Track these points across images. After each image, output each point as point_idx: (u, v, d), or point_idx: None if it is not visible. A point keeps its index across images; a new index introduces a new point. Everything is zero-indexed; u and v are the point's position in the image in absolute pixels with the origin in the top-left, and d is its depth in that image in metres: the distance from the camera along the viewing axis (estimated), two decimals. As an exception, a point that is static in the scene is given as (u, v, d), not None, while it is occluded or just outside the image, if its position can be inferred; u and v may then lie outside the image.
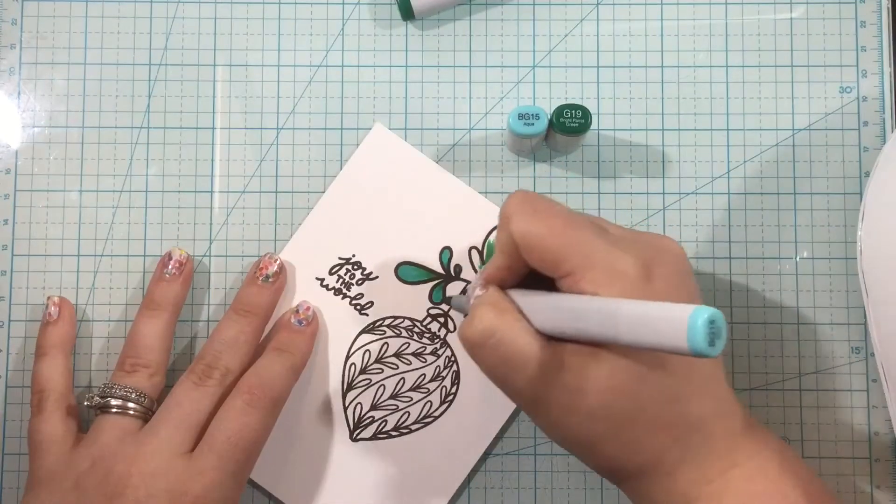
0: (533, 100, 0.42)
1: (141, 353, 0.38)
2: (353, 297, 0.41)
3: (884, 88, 0.42)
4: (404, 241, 0.41)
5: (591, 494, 0.41)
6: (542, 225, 0.31)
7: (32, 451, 0.37)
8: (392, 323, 0.41)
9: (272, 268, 0.40)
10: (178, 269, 0.40)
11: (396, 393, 0.41)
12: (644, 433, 0.31)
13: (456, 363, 0.41)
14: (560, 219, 0.31)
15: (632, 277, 0.30)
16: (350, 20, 0.43)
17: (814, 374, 0.41)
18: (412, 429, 0.40)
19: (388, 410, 0.41)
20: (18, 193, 0.42)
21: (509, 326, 0.31)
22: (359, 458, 0.40)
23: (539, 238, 0.31)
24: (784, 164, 0.42)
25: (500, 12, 0.43)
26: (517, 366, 0.31)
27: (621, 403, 0.30)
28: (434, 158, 0.42)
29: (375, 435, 0.40)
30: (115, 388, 0.37)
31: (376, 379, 0.41)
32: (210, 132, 0.42)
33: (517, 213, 0.32)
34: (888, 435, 0.41)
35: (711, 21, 0.43)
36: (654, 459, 0.31)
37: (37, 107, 0.42)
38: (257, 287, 0.39)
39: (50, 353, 0.39)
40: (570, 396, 0.30)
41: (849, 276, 0.41)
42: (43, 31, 0.43)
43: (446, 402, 0.41)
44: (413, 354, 0.41)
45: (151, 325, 0.39)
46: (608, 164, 0.42)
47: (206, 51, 0.43)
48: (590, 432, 0.31)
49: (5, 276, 0.42)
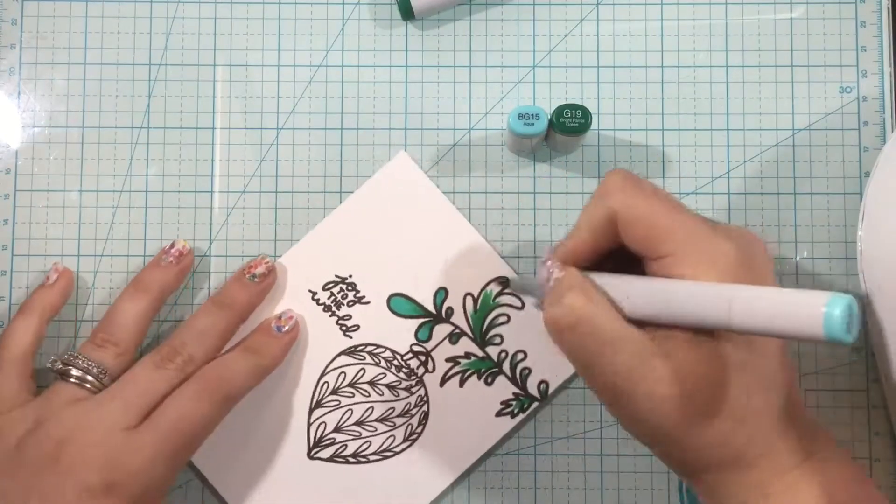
0: (533, 100, 0.42)
1: (114, 331, 0.38)
2: (342, 316, 0.41)
3: (884, 88, 0.42)
4: (402, 273, 0.41)
5: (591, 494, 0.41)
6: (647, 202, 0.31)
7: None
8: (373, 350, 0.41)
9: (260, 268, 0.40)
10: (176, 259, 0.40)
11: (362, 420, 0.41)
12: (735, 423, 0.30)
13: (427, 404, 0.41)
14: (666, 199, 0.31)
15: (734, 264, 0.30)
16: (350, 20, 0.43)
17: (814, 374, 0.41)
18: (370, 459, 0.40)
19: (351, 436, 0.40)
20: (18, 193, 0.42)
21: (602, 311, 0.30)
22: (312, 476, 0.40)
23: (644, 214, 0.30)
24: (784, 164, 0.42)
25: (500, 12, 0.43)
26: (607, 352, 0.30)
27: (717, 392, 0.30)
28: (434, 159, 0.42)
29: (333, 457, 0.40)
30: (79, 359, 0.37)
31: (345, 402, 0.41)
32: (210, 132, 0.42)
33: (622, 189, 0.31)
34: (888, 435, 0.41)
35: (711, 21, 0.43)
36: (739, 451, 0.30)
37: (37, 107, 0.42)
38: (241, 283, 0.40)
39: (28, 313, 0.39)
40: (662, 386, 0.30)
41: (849, 276, 0.41)
42: (43, 31, 0.43)
43: (409, 441, 0.40)
44: (387, 386, 0.41)
45: (132, 305, 0.39)
46: (608, 164, 0.42)
47: (206, 51, 0.43)
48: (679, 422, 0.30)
49: (5, 276, 0.42)
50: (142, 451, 0.35)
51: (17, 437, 0.35)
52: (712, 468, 0.31)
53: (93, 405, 0.36)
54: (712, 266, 0.30)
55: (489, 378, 0.41)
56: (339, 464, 0.40)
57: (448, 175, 0.42)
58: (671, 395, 0.30)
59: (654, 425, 0.31)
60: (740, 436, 0.30)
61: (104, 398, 0.36)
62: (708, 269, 0.30)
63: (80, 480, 0.34)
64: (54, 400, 0.36)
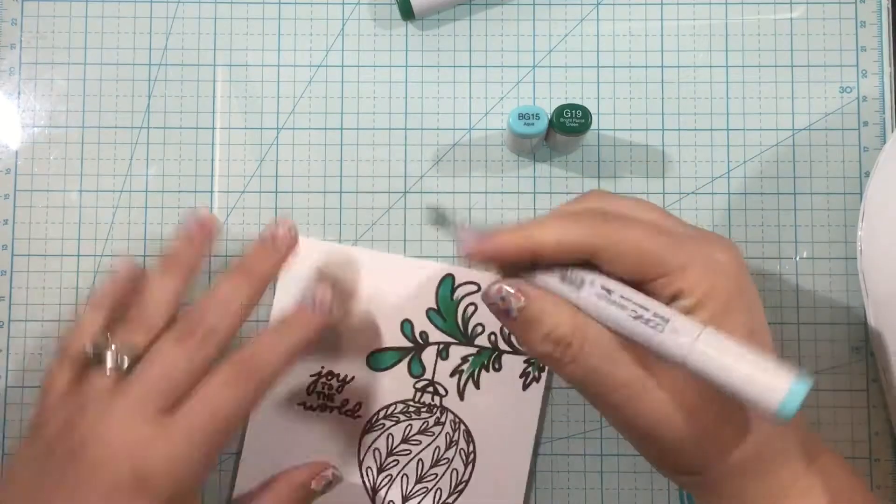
0: (533, 100, 0.42)
1: (147, 311, 0.36)
2: (340, 405, 0.40)
3: (884, 88, 0.42)
4: (362, 333, 0.41)
5: (591, 494, 0.41)
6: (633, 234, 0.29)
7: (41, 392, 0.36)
8: (387, 413, 0.40)
9: (282, 231, 0.38)
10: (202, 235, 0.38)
11: (421, 476, 0.40)
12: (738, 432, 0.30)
13: (462, 423, 0.40)
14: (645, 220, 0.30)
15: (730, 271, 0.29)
16: (350, 20, 0.43)
17: (814, 374, 0.41)
18: (450, 502, 0.40)
19: (421, 495, 0.40)
20: (18, 193, 0.42)
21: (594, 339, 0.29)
22: None
23: (632, 247, 0.29)
24: (784, 164, 0.42)
25: (500, 12, 0.43)
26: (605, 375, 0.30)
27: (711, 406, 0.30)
28: (434, 159, 0.42)
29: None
30: (110, 343, 0.35)
31: (396, 472, 0.40)
32: (210, 132, 0.42)
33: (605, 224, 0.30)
34: (888, 435, 0.41)
35: (711, 21, 0.43)
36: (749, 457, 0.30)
37: (37, 107, 0.42)
38: (264, 250, 0.38)
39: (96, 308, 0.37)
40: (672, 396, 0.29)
41: (849, 276, 0.41)
42: (43, 31, 0.43)
43: (470, 463, 0.40)
44: (420, 433, 0.40)
45: (163, 284, 0.37)
46: (608, 164, 0.42)
47: (206, 51, 0.43)
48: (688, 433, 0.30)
49: (5, 276, 0.42)
50: (173, 443, 0.32)
51: (55, 429, 0.34)
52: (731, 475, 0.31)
53: (117, 395, 0.33)
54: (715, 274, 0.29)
55: (496, 364, 0.41)
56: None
57: (448, 175, 0.42)
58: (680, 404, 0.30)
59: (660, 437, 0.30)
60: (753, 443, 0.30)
61: (126, 386, 0.34)
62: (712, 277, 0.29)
63: (108, 475, 0.32)
64: (87, 387, 0.34)
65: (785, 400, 0.26)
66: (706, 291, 0.29)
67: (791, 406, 0.26)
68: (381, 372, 0.41)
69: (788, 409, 0.26)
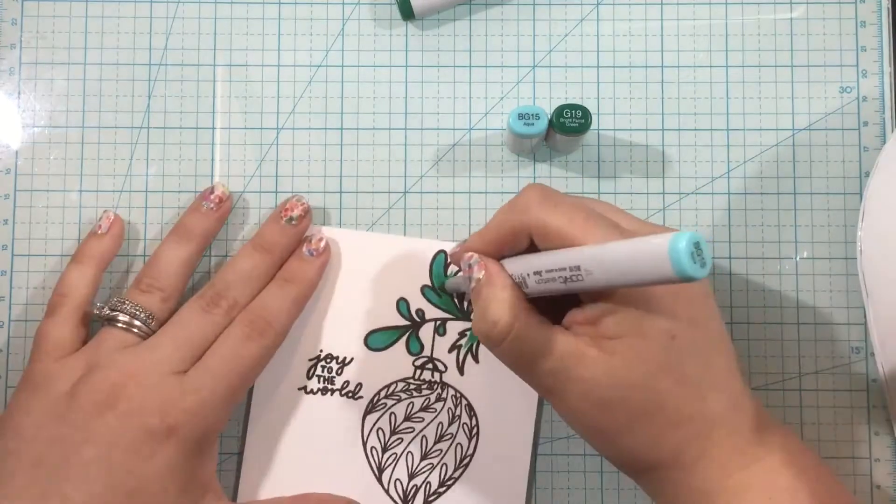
0: (533, 100, 0.42)
1: (159, 276, 0.38)
2: (341, 387, 0.41)
3: (884, 88, 0.42)
4: (359, 315, 0.41)
5: (591, 494, 0.41)
6: (566, 217, 0.31)
7: (35, 352, 0.37)
8: (388, 393, 0.41)
9: (297, 210, 0.40)
10: (217, 205, 0.40)
11: (426, 453, 0.40)
12: (663, 427, 0.31)
13: (463, 397, 0.41)
14: (580, 212, 0.31)
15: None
16: (350, 20, 0.43)
17: (814, 374, 0.41)
18: (455, 476, 0.40)
19: (427, 472, 0.40)
20: (18, 193, 0.42)
21: (526, 323, 0.31)
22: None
23: (559, 229, 0.31)
24: (784, 164, 0.42)
25: (500, 12, 0.43)
26: (535, 359, 0.31)
27: (639, 396, 0.30)
28: (434, 159, 0.42)
29: (426, 501, 0.40)
30: (126, 304, 0.38)
31: (401, 450, 0.40)
32: (210, 132, 0.42)
33: (539, 205, 0.32)
34: (888, 435, 0.41)
35: (711, 21, 0.43)
36: (672, 454, 0.31)
37: (37, 107, 0.42)
38: (279, 227, 0.39)
39: (84, 261, 0.39)
40: (587, 387, 0.31)
41: (849, 276, 0.41)
42: (43, 31, 0.43)
43: (473, 437, 0.40)
44: (422, 410, 0.41)
45: (176, 251, 0.39)
46: (608, 164, 0.42)
47: (206, 51, 0.43)
48: (608, 423, 0.31)
49: (5, 276, 0.42)
50: (198, 393, 0.35)
51: (70, 383, 0.36)
52: (651, 469, 0.32)
53: (145, 349, 0.36)
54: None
55: None
56: (434, 500, 0.40)
57: (448, 175, 0.42)
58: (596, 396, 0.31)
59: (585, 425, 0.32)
60: (672, 438, 0.31)
61: (156, 342, 0.36)
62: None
63: (140, 423, 0.34)
64: (104, 346, 0.37)
65: (673, 258, 0.25)
66: None
67: (681, 260, 0.25)
68: (380, 352, 0.41)
69: (680, 265, 0.25)
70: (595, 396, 0.31)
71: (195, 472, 0.36)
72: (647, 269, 0.26)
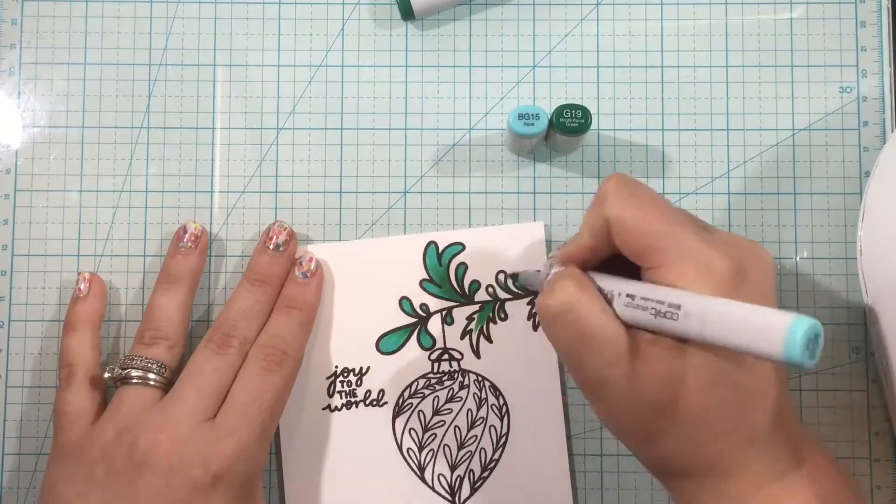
0: (533, 100, 0.42)
1: (160, 326, 0.38)
2: (364, 398, 0.41)
3: (884, 88, 0.42)
4: (365, 323, 0.41)
5: (591, 494, 0.41)
6: (640, 211, 0.30)
7: (58, 424, 0.37)
8: (411, 392, 0.41)
9: (282, 236, 0.40)
10: (194, 243, 0.40)
11: (462, 442, 0.40)
12: (708, 435, 0.30)
13: (486, 379, 0.41)
14: (659, 208, 0.31)
15: (724, 277, 0.29)
16: (350, 20, 0.43)
17: (814, 374, 0.41)
18: (496, 458, 0.40)
19: (467, 460, 0.40)
20: (18, 193, 0.42)
21: (590, 303, 0.31)
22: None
23: (636, 224, 0.30)
24: (784, 164, 0.42)
25: (500, 12, 0.43)
26: (592, 345, 0.30)
27: (692, 402, 0.30)
28: (434, 159, 0.42)
29: (473, 488, 0.40)
30: (135, 360, 0.38)
31: (437, 445, 0.40)
32: (210, 132, 0.42)
33: (616, 196, 0.31)
34: (888, 435, 0.41)
35: (711, 21, 0.43)
36: (710, 462, 0.30)
37: (37, 107, 0.42)
38: (269, 256, 0.40)
39: (79, 328, 0.39)
40: (639, 386, 0.30)
41: (849, 276, 0.41)
42: (43, 31, 0.43)
43: (505, 415, 0.40)
44: (448, 402, 0.41)
45: (169, 297, 0.39)
46: (608, 164, 0.42)
47: (206, 51, 0.43)
48: (650, 425, 0.30)
49: (5, 276, 0.42)
50: (235, 436, 0.35)
51: (99, 450, 0.35)
52: (685, 474, 0.31)
53: (170, 403, 0.36)
54: (703, 278, 0.29)
55: (501, 314, 0.41)
56: (480, 486, 0.40)
57: (448, 175, 0.42)
58: (646, 396, 0.30)
59: (625, 423, 0.32)
60: (715, 446, 0.30)
61: (179, 395, 0.36)
62: (699, 281, 0.29)
63: (184, 477, 0.34)
64: (125, 406, 0.37)
65: (787, 343, 0.25)
66: None
67: (795, 348, 0.25)
68: (394, 354, 0.41)
69: (792, 350, 0.25)
70: (646, 396, 0.30)
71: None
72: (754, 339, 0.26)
